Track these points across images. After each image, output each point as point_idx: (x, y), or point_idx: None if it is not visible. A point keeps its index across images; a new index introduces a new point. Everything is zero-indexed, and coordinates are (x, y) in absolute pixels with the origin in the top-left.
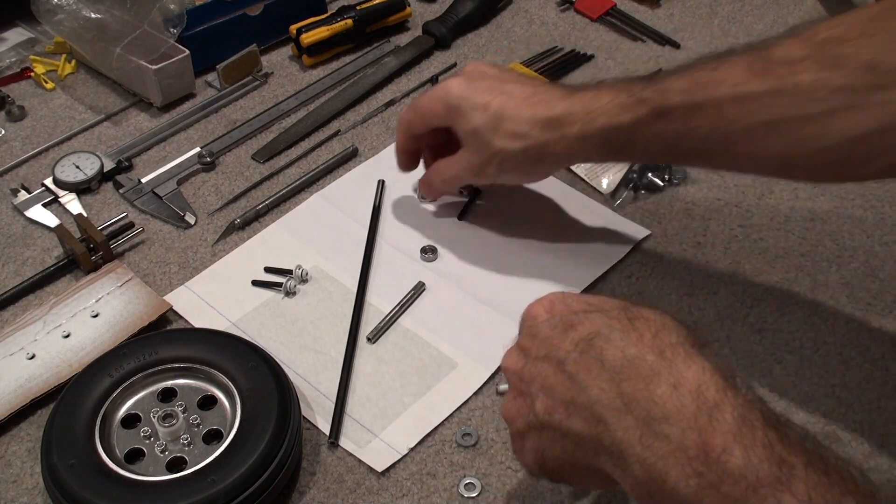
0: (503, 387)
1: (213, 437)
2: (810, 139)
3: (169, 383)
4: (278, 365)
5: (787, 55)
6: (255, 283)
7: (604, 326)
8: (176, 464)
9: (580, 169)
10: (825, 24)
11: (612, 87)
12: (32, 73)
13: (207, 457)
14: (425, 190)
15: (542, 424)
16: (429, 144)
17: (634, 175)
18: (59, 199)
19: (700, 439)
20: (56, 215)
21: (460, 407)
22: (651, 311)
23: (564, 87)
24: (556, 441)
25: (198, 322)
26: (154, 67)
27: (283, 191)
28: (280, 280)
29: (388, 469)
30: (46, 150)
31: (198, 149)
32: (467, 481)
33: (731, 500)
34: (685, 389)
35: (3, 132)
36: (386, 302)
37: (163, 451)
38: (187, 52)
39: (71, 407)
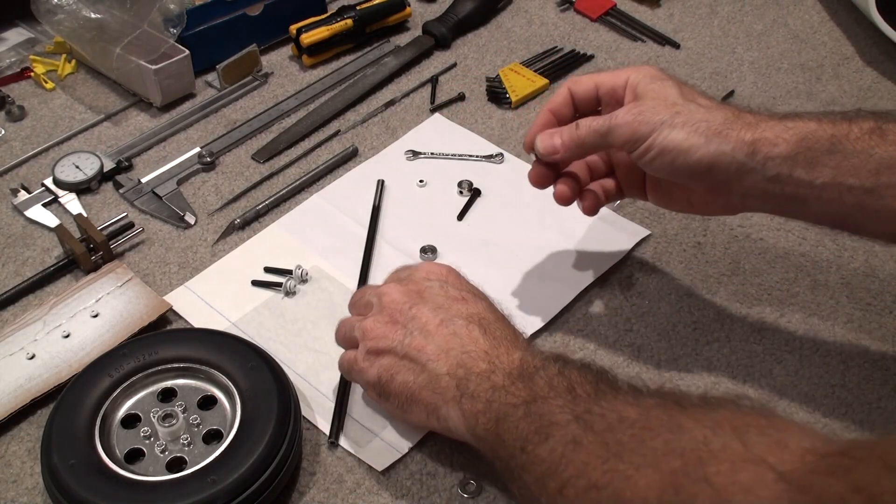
0: None
1: (213, 437)
2: None
3: (169, 383)
4: (278, 365)
5: None
6: (255, 283)
7: (487, 312)
8: (176, 464)
9: None
10: None
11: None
12: (32, 73)
13: (207, 457)
14: (545, 140)
15: (407, 355)
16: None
17: None
18: (59, 199)
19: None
20: (56, 215)
21: None
22: (505, 319)
23: None
24: (412, 372)
25: (198, 322)
26: (154, 67)
27: (283, 191)
28: (280, 280)
29: (388, 469)
30: (46, 150)
31: (198, 149)
32: (467, 481)
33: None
34: (520, 348)
35: (3, 132)
36: None
37: (163, 451)
38: (187, 52)
39: (71, 407)
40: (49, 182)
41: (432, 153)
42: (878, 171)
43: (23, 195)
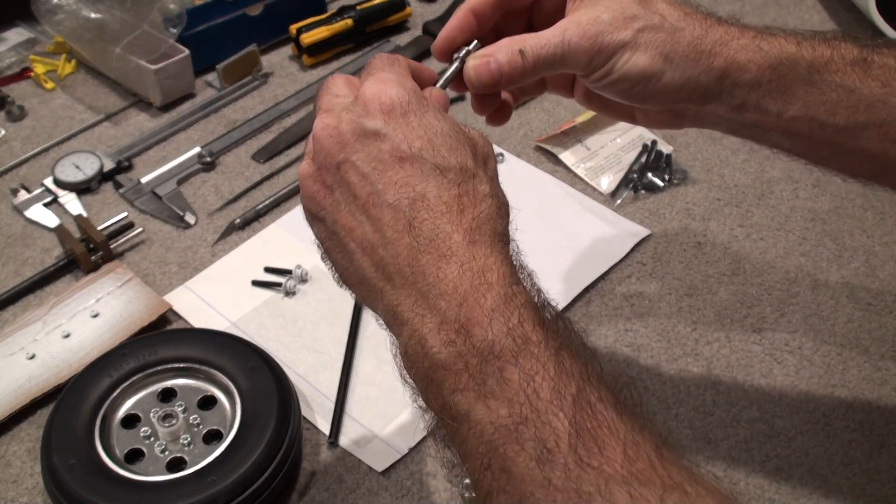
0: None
1: (213, 437)
2: None
3: (169, 383)
4: (278, 365)
5: None
6: (255, 283)
7: (433, 191)
8: (176, 464)
9: (580, 169)
10: None
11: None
12: (32, 73)
13: (207, 457)
14: (479, 69)
15: (335, 234)
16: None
17: (634, 175)
18: (59, 199)
19: (462, 313)
20: (56, 215)
21: None
22: (488, 188)
23: None
24: (342, 256)
25: (198, 322)
26: (154, 67)
27: (283, 191)
28: (280, 280)
29: (388, 469)
30: (46, 150)
31: (198, 149)
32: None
33: (471, 367)
34: (470, 271)
35: (3, 132)
36: None
37: (163, 451)
38: (187, 52)
39: (71, 407)
40: (49, 182)
41: None
42: (857, 109)
43: (23, 195)
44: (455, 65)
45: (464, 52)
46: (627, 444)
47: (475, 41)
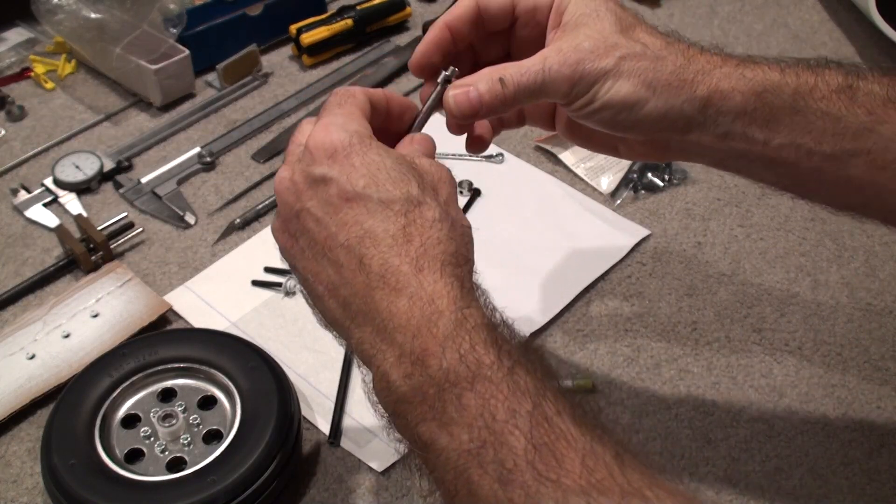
0: None
1: (213, 437)
2: None
3: (169, 383)
4: (278, 365)
5: None
6: (255, 282)
7: (379, 226)
8: (176, 464)
9: (580, 169)
10: None
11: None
12: (32, 73)
13: (207, 457)
14: (459, 98)
15: (305, 280)
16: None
17: (634, 175)
18: (59, 199)
19: (417, 345)
20: (56, 215)
21: None
22: (438, 213)
23: None
24: (316, 299)
25: (198, 322)
26: (154, 67)
27: None
28: (280, 280)
29: (388, 469)
30: (46, 150)
31: (198, 149)
32: None
33: (430, 397)
34: (420, 301)
35: (3, 132)
36: None
37: (163, 451)
38: (187, 52)
39: (71, 407)
40: (49, 182)
41: None
42: (844, 137)
43: (23, 195)
44: (428, 104)
45: (441, 76)
46: (586, 455)
47: (452, 67)
